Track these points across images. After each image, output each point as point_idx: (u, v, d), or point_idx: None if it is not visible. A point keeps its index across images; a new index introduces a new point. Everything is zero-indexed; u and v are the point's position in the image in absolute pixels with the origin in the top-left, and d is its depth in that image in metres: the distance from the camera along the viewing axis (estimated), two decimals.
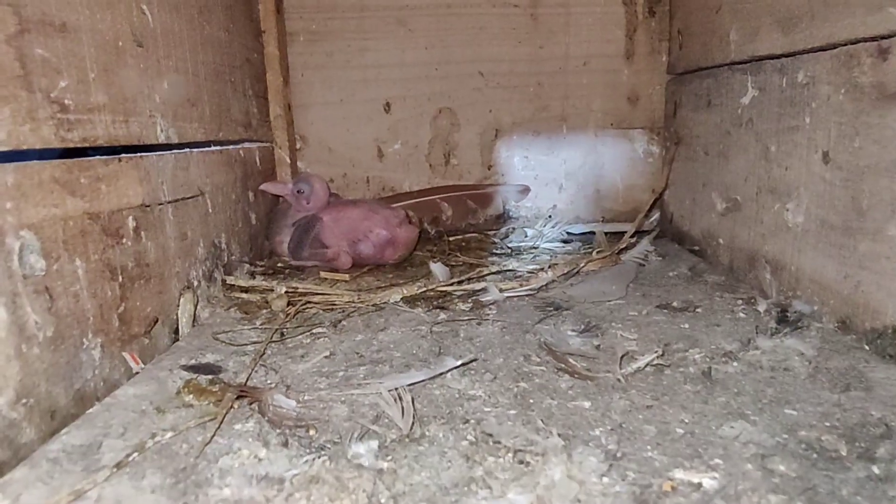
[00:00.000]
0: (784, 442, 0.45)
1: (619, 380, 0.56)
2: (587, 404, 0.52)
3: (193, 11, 0.81)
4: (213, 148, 0.87)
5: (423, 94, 1.23)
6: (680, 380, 0.56)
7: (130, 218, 0.62)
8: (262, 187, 1.03)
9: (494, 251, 1.12)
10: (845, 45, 0.65)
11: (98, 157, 0.58)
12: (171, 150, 0.73)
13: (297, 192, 1.02)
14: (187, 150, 0.78)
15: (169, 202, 0.71)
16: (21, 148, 0.47)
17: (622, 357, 0.59)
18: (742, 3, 0.86)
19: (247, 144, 1.03)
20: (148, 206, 0.66)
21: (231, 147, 0.95)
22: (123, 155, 0.63)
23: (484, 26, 1.20)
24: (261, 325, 0.74)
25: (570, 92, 1.22)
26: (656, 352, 0.59)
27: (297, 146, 1.24)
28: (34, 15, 0.50)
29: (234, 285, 0.85)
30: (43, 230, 0.49)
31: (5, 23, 0.47)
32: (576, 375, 0.57)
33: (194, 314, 0.74)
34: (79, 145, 0.55)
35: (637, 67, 1.21)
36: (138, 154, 0.65)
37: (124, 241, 0.61)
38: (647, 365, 0.58)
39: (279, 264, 1.03)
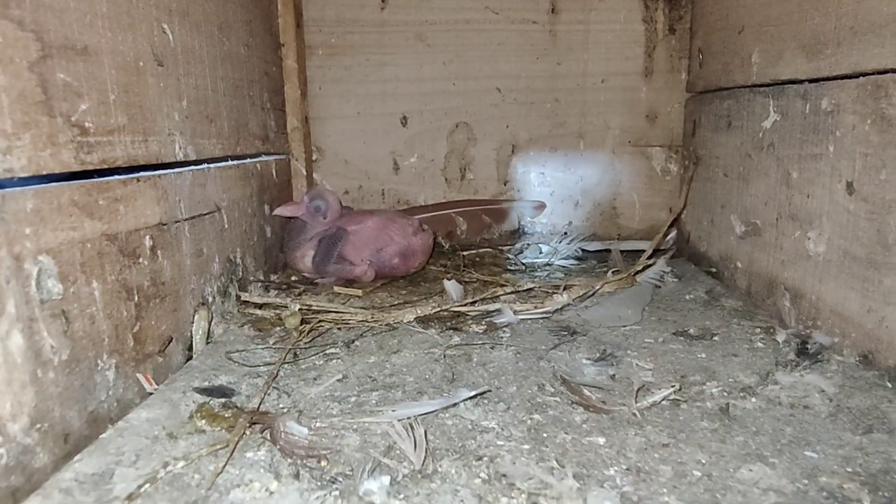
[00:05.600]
0: (804, 489, 0.44)
1: (634, 414, 0.55)
2: (602, 440, 0.51)
3: (214, 28, 0.82)
4: (230, 163, 0.87)
5: (441, 109, 1.23)
6: (697, 416, 0.55)
7: (147, 237, 0.62)
8: (276, 212, 1.01)
9: (509, 267, 1.11)
10: (873, 74, 0.63)
11: (117, 177, 0.58)
12: (188, 167, 0.73)
13: (315, 209, 1.01)
14: (205, 166, 0.78)
15: (186, 219, 0.71)
16: (41, 173, 0.48)
17: (638, 390, 0.58)
18: (765, 26, 0.85)
19: (263, 157, 1.03)
20: (165, 224, 0.66)
21: (248, 161, 0.95)
22: (142, 174, 0.63)
23: (502, 42, 1.20)
24: (274, 343, 0.73)
25: (588, 109, 1.21)
26: (673, 386, 0.58)
27: (314, 158, 1.24)
28: (56, 40, 0.50)
29: (248, 301, 0.85)
30: (61, 254, 0.49)
31: (28, 49, 0.47)
32: (591, 409, 0.56)
33: (208, 331, 0.74)
34: (98, 167, 0.55)
35: (656, 85, 1.20)
36: (156, 173, 0.65)
37: (141, 260, 0.61)
38: (663, 399, 0.57)
39: (293, 278, 1.03)
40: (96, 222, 0.54)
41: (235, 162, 0.89)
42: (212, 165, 0.80)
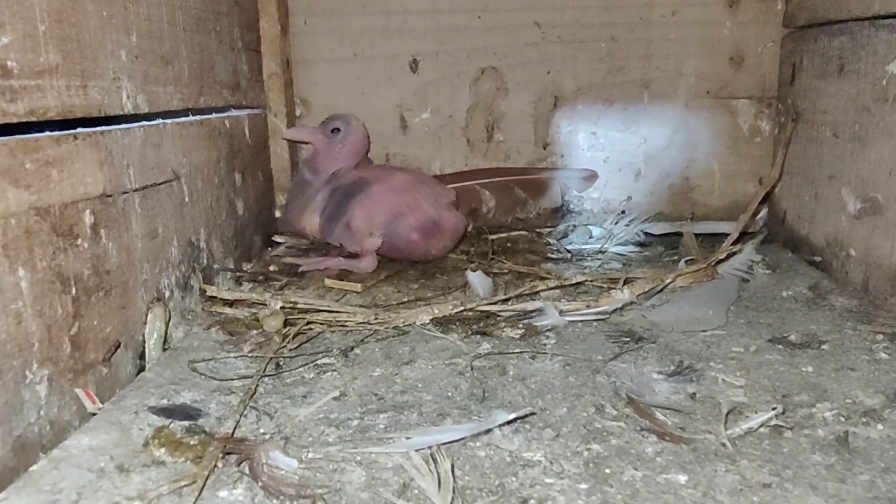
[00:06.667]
0: None
1: (724, 445, 0.54)
2: (683, 478, 0.50)
3: None
4: (191, 118, 0.86)
5: (462, 50, 1.22)
6: (806, 447, 0.54)
7: (88, 212, 0.62)
8: (285, 135, 1.05)
9: (549, 255, 1.11)
10: None
11: (48, 133, 0.58)
12: (139, 122, 0.73)
13: (332, 130, 1.03)
14: (159, 121, 0.77)
15: (136, 190, 0.71)
16: None
17: (728, 413, 0.57)
18: None
19: (234, 112, 1.02)
20: (109, 196, 0.66)
21: (214, 116, 0.94)
22: (80, 130, 0.62)
23: None
24: (250, 351, 0.73)
25: (654, 49, 1.20)
26: (773, 409, 0.57)
27: (298, 113, 1.24)
28: None
29: (215, 297, 0.85)
30: None
31: None
32: (666, 437, 0.55)
33: (165, 334, 0.74)
34: (24, 119, 0.54)
35: (743, 18, 1.18)
36: (98, 129, 0.65)
37: (79, 242, 0.60)
38: (761, 425, 0.56)
39: (272, 267, 1.03)
40: (23, 192, 0.53)
41: (198, 117, 0.88)
42: (168, 121, 0.79)
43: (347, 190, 1.01)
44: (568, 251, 1.12)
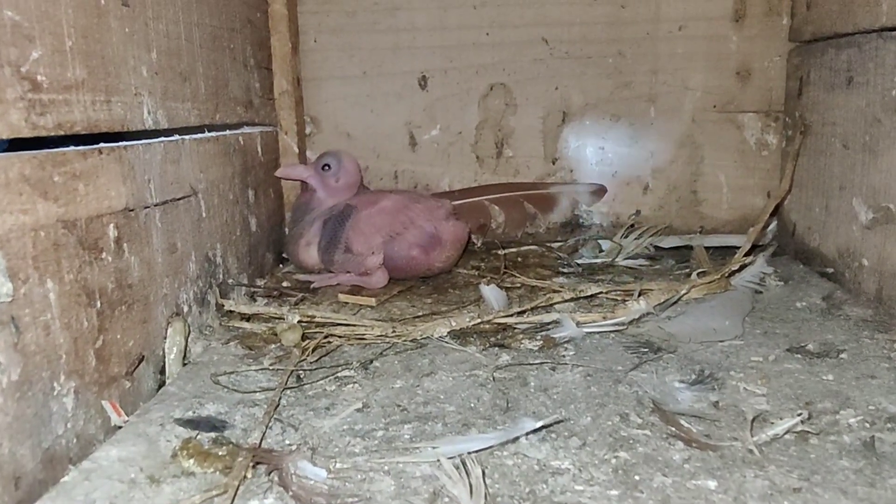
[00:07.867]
0: None
1: (751, 451, 0.54)
2: (713, 484, 0.50)
3: None
4: (207, 134, 0.87)
5: (470, 66, 1.23)
6: (833, 453, 0.54)
7: (112, 226, 0.62)
8: (277, 173, 1.06)
9: (561, 269, 1.11)
10: None
11: (74, 147, 0.58)
12: (159, 137, 0.73)
13: (323, 167, 1.05)
14: (177, 137, 0.78)
15: (156, 205, 0.71)
16: None
17: (753, 420, 0.57)
18: None
19: (247, 129, 1.03)
20: (132, 210, 0.66)
21: (229, 133, 0.95)
22: (103, 145, 0.62)
23: None
24: (271, 364, 0.73)
25: (661, 64, 1.21)
26: (799, 414, 0.57)
27: (307, 131, 1.25)
28: None
29: (232, 311, 0.85)
30: (10, 243, 0.49)
31: None
32: (693, 444, 0.55)
33: (185, 349, 0.74)
34: (53, 133, 0.55)
35: (749, 33, 1.19)
36: (121, 144, 0.65)
37: (104, 255, 0.61)
38: (786, 432, 0.56)
39: (285, 284, 1.03)
40: (51, 204, 0.54)
41: (213, 134, 0.89)
42: (186, 137, 0.80)
43: (338, 218, 1.02)
44: (579, 265, 1.12)
